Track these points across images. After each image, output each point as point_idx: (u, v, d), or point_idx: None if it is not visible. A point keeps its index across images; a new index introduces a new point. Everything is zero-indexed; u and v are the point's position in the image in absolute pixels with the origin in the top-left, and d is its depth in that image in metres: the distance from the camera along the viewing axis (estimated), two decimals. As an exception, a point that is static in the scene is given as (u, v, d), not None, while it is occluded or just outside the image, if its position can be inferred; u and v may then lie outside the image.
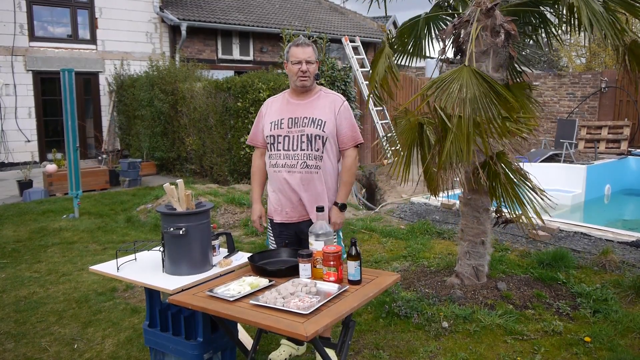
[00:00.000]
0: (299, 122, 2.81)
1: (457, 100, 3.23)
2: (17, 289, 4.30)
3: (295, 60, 2.78)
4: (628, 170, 10.76)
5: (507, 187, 3.57)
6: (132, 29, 13.06)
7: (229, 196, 6.91)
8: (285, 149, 2.81)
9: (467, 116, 3.20)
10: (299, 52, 2.77)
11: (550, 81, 13.67)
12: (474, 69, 3.33)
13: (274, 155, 2.86)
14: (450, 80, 3.34)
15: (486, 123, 3.23)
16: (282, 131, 2.82)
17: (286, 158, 2.81)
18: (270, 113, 2.91)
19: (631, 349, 3.08)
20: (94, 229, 6.20)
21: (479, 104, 3.22)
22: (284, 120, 2.83)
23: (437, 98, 3.35)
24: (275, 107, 2.92)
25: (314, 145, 2.78)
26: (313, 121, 2.79)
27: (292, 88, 2.90)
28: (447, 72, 3.46)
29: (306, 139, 2.79)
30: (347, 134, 2.85)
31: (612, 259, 4.45)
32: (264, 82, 7.97)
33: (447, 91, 3.30)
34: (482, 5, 3.66)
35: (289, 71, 2.85)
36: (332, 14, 19.02)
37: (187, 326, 2.62)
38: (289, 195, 2.84)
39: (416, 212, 6.56)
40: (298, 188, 2.81)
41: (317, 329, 1.89)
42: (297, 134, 2.80)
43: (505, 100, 3.28)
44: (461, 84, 3.28)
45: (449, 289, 3.92)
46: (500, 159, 3.59)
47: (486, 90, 3.28)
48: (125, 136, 12.14)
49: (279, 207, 2.90)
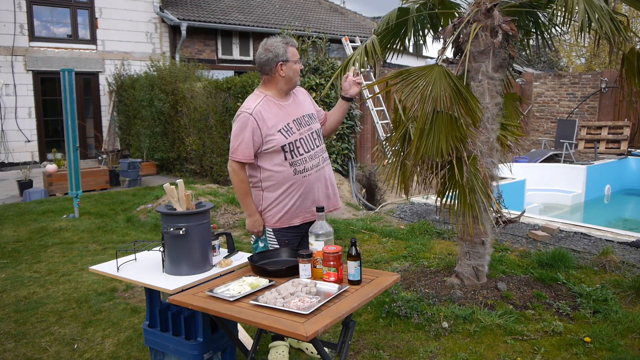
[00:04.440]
0: (302, 122, 2.82)
1: (419, 96, 3.25)
2: (17, 289, 4.30)
3: (296, 59, 2.80)
4: (628, 171, 10.77)
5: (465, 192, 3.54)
6: (132, 29, 13.06)
7: (229, 196, 6.91)
8: (306, 151, 2.79)
9: (426, 113, 3.22)
10: (296, 52, 2.82)
11: (550, 81, 13.67)
12: (445, 70, 3.35)
13: (299, 162, 2.75)
14: (417, 76, 3.36)
15: (449, 124, 3.26)
16: (296, 135, 2.77)
17: (311, 160, 2.80)
18: (269, 121, 2.71)
19: (631, 349, 3.08)
20: (94, 229, 6.20)
21: (443, 104, 3.24)
22: (289, 124, 2.77)
23: (400, 90, 3.37)
24: (270, 115, 2.72)
25: (322, 138, 2.94)
26: (311, 117, 2.89)
27: (278, 90, 2.80)
28: (417, 67, 3.47)
29: (316, 135, 2.88)
30: (318, 108, 3.05)
31: (612, 259, 4.45)
32: (264, 82, 7.95)
33: (411, 85, 3.32)
34: (482, 5, 3.66)
35: (289, 71, 2.76)
36: (332, 14, 19.03)
37: (187, 326, 2.62)
38: (317, 195, 2.84)
39: (416, 212, 6.56)
40: (326, 184, 2.88)
41: (317, 329, 1.89)
42: (308, 133, 2.82)
43: (470, 106, 3.29)
44: (428, 81, 3.29)
45: (449, 289, 3.92)
46: (470, 164, 3.57)
47: (453, 92, 3.29)
48: (125, 136, 12.14)
49: (300, 211, 2.83)
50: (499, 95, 3.82)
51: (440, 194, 3.77)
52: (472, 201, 3.52)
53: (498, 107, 3.84)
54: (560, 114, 13.42)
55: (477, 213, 3.59)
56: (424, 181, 3.76)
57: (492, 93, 3.78)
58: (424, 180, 3.75)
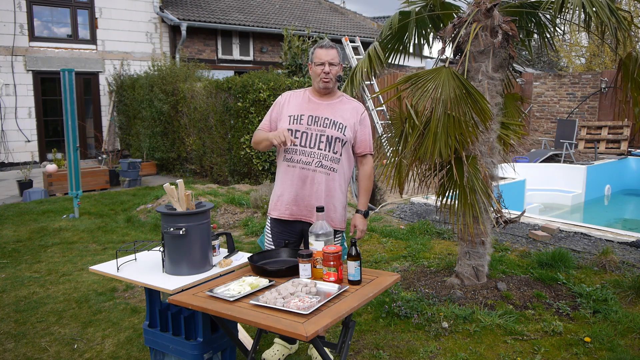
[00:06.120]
0: (319, 122, 2.80)
1: (430, 100, 3.25)
2: (17, 289, 4.30)
3: (319, 61, 2.79)
4: (628, 171, 10.77)
5: (465, 192, 3.54)
6: (132, 29, 13.07)
7: (229, 196, 6.91)
8: (302, 145, 2.80)
9: (438, 116, 3.22)
10: (322, 54, 2.78)
11: (550, 81, 13.67)
12: (453, 71, 3.34)
13: (291, 150, 2.81)
14: (426, 79, 3.36)
15: (457, 126, 3.25)
16: (301, 127, 2.80)
17: (302, 154, 2.79)
18: (290, 107, 2.87)
19: (631, 349, 3.08)
20: (94, 229, 6.20)
21: (452, 105, 3.23)
22: (303, 116, 2.82)
23: (411, 94, 3.36)
24: (295, 102, 2.89)
25: (332, 146, 2.80)
26: (334, 123, 2.81)
27: (315, 88, 2.90)
28: (424, 70, 3.47)
29: (325, 140, 2.79)
30: (366, 138, 2.91)
31: (612, 259, 4.45)
32: (264, 82, 7.97)
33: (421, 89, 3.32)
34: (482, 5, 3.66)
35: (312, 72, 2.86)
36: (332, 14, 19.03)
37: (187, 326, 2.62)
38: (299, 192, 2.81)
39: (416, 212, 6.56)
40: (310, 186, 2.80)
41: (317, 329, 1.89)
42: (317, 133, 2.79)
43: (480, 106, 3.29)
44: (437, 84, 3.29)
45: (449, 289, 3.92)
46: (470, 164, 3.57)
47: (462, 93, 3.29)
48: (125, 136, 12.15)
49: (284, 204, 2.86)
50: (499, 95, 3.82)
51: (440, 194, 3.77)
52: (473, 201, 3.52)
53: (498, 107, 3.84)
54: (560, 114, 13.42)
55: (477, 213, 3.59)
56: (424, 181, 3.76)
57: (492, 93, 3.78)
58: (424, 180, 3.75)
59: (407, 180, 3.85)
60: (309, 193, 2.80)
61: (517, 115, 4.21)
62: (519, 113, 4.24)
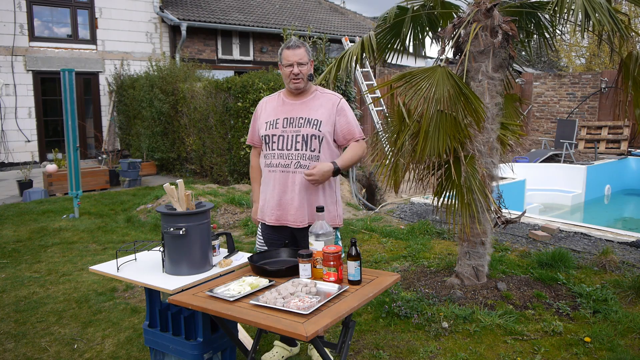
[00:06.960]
0: (294, 122, 2.78)
1: (422, 99, 3.25)
2: (17, 289, 4.30)
3: (286, 63, 2.75)
4: (628, 171, 10.77)
5: (462, 191, 3.52)
6: (132, 29, 13.07)
7: (229, 196, 6.91)
8: (279, 148, 2.79)
9: (430, 115, 3.22)
10: (290, 55, 2.74)
11: (550, 81, 13.67)
12: (448, 71, 3.34)
13: (269, 155, 2.84)
14: (420, 78, 3.35)
15: (450, 125, 3.25)
16: (277, 131, 2.81)
17: (280, 157, 2.79)
18: (266, 113, 2.90)
19: (631, 349, 3.08)
20: (94, 229, 6.20)
21: (446, 105, 3.23)
22: (279, 120, 2.82)
23: (404, 92, 3.36)
24: (270, 107, 2.91)
25: (309, 145, 2.75)
26: (309, 121, 2.76)
27: (287, 88, 2.89)
28: (419, 69, 3.46)
29: (301, 139, 2.75)
30: (349, 127, 2.81)
31: (612, 259, 4.45)
32: (264, 82, 7.96)
33: (415, 87, 3.32)
34: (482, 5, 3.66)
35: (282, 74, 2.85)
36: (332, 14, 19.03)
37: (187, 326, 2.62)
38: (282, 197, 2.79)
39: (416, 212, 6.56)
40: (292, 189, 2.77)
41: (317, 329, 1.89)
42: (292, 134, 2.77)
43: (473, 106, 3.29)
44: (431, 83, 3.29)
45: (449, 289, 3.92)
46: (468, 163, 3.56)
47: (456, 93, 3.28)
48: (125, 136, 12.14)
49: (270, 209, 2.84)
50: (498, 95, 3.82)
51: (437, 193, 3.77)
52: (470, 201, 3.52)
53: (498, 107, 3.84)
54: (560, 114, 13.42)
55: (475, 213, 3.59)
56: (421, 181, 3.75)
57: (492, 93, 3.78)
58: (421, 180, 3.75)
59: (404, 180, 3.85)
60: (291, 196, 2.78)
61: (516, 116, 4.21)
62: (517, 114, 4.24)
